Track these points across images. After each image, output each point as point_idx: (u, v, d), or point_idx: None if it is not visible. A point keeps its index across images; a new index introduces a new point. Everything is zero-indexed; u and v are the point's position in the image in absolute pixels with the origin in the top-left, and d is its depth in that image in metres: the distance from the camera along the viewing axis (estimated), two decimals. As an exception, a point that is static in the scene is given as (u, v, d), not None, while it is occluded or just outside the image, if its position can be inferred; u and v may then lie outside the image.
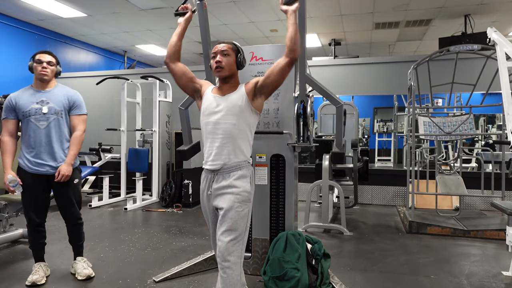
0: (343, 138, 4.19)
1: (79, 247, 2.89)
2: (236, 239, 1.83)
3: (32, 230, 2.69)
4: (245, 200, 1.89)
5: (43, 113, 2.58)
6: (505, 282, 2.78)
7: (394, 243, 3.79)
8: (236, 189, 1.87)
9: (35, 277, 2.62)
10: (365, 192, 5.97)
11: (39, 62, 2.60)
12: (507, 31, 7.73)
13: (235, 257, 1.81)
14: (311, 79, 2.71)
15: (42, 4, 6.53)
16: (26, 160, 2.59)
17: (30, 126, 2.58)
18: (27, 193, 2.60)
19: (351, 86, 6.29)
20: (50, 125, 2.60)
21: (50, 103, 2.62)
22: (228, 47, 1.96)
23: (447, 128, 4.50)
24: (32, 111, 2.57)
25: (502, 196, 4.36)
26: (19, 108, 2.58)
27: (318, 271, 2.48)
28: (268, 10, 6.64)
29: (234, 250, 1.81)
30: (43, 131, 2.58)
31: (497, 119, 9.16)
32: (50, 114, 2.60)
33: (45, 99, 2.62)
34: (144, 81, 6.02)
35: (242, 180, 1.90)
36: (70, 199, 2.72)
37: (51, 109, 2.61)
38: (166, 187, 5.66)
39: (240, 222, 1.85)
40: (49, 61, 2.63)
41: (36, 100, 2.60)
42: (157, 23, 7.54)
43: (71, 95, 2.71)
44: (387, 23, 7.36)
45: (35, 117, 2.57)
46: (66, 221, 2.80)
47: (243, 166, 1.92)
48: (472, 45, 4.20)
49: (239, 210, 1.84)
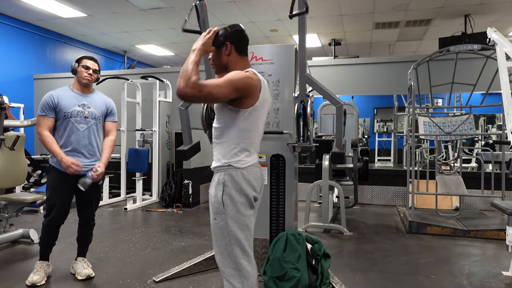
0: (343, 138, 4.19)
1: (85, 247, 2.90)
2: (221, 253, 1.66)
3: (51, 229, 2.69)
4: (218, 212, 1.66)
5: (85, 117, 2.68)
6: (505, 282, 2.78)
7: (394, 243, 3.79)
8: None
9: (35, 278, 2.62)
10: (365, 192, 5.97)
11: (86, 68, 2.69)
12: (507, 31, 7.73)
13: (228, 269, 1.65)
14: (311, 79, 2.71)
15: (42, 4, 6.54)
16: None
17: (69, 127, 2.63)
18: (58, 192, 2.63)
19: (351, 86, 6.29)
20: (89, 129, 2.70)
21: (91, 108, 2.72)
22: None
23: (447, 128, 4.50)
24: (74, 113, 2.65)
25: (502, 196, 4.36)
26: (62, 108, 2.62)
27: (318, 271, 2.47)
28: (268, 10, 6.64)
29: (225, 262, 1.66)
30: (81, 133, 2.66)
31: (497, 119, 9.16)
32: (90, 119, 2.71)
33: (86, 103, 2.71)
34: (144, 81, 6.02)
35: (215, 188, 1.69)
36: (91, 200, 2.80)
37: (92, 113, 2.72)
38: (166, 187, 5.66)
39: (218, 234, 1.66)
40: (95, 69, 2.75)
41: (78, 103, 2.68)
42: (157, 23, 7.54)
43: (109, 103, 2.86)
44: (387, 23, 7.37)
45: (76, 119, 2.65)
46: (82, 220, 2.83)
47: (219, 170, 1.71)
48: (472, 45, 4.20)
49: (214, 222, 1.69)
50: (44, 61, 8.04)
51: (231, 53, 1.69)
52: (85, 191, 2.67)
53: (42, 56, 7.97)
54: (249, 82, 1.62)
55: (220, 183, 1.65)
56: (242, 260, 1.65)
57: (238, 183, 1.64)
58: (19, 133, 3.60)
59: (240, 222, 1.65)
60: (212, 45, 1.66)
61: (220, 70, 1.73)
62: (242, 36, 1.73)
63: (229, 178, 1.64)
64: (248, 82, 1.61)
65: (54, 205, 2.64)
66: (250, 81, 1.62)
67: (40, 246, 2.75)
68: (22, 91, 7.34)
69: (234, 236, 1.64)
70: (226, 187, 1.64)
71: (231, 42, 1.68)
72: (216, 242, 1.68)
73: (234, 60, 1.70)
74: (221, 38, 1.66)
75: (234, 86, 1.56)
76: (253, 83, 1.63)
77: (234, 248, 1.64)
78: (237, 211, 1.64)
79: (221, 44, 1.67)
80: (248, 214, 1.69)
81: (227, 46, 1.68)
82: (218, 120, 1.70)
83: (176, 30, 7.93)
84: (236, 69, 1.67)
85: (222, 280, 2.73)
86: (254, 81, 1.64)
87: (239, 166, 1.65)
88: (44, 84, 7.67)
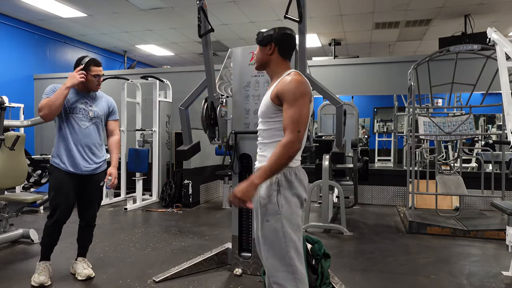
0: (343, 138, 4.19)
1: (85, 248, 2.88)
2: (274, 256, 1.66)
3: (54, 230, 2.65)
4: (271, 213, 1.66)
5: (88, 115, 2.65)
6: (505, 282, 2.78)
7: (394, 243, 3.79)
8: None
9: (42, 278, 2.59)
10: (365, 192, 5.97)
11: (96, 77, 2.65)
12: (507, 31, 7.73)
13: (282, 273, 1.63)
14: (311, 79, 2.71)
15: (42, 4, 6.54)
16: (64, 157, 2.59)
17: (71, 123, 2.60)
18: (61, 193, 2.59)
19: (351, 86, 6.29)
20: (91, 127, 2.67)
21: (94, 107, 2.69)
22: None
23: (447, 128, 4.50)
24: (77, 109, 2.61)
25: (502, 196, 4.36)
26: (67, 99, 2.57)
27: (318, 271, 2.47)
28: (268, 10, 6.64)
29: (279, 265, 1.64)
30: (83, 131, 2.62)
31: (497, 119, 9.15)
32: (93, 117, 2.68)
33: (89, 102, 2.68)
34: (144, 81, 6.03)
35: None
36: (94, 200, 2.79)
37: (95, 113, 2.69)
38: (166, 187, 5.66)
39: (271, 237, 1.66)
40: (103, 74, 2.71)
41: (81, 100, 2.65)
42: (157, 23, 7.54)
43: (111, 102, 2.84)
44: (387, 23, 7.37)
45: (78, 116, 2.61)
46: (83, 221, 2.80)
47: None
48: (472, 45, 4.20)
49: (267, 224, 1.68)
50: (44, 61, 8.04)
51: (273, 53, 1.72)
52: (90, 193, 2.68)
53: (42, 56, 7.97)
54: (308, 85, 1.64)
55: (274, 183, 1.61)
56: (297, 262, 1.61)
57: (292, 183, 1.63)
58: (19, 133, 3.60)
59: (294, 223, 1.63)
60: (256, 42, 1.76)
61: (260, 66, 1.78)
62: (289, 40, 1.75)
63: (283, 177, 1.62)
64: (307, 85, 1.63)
65: (58, 206, 2.60)
66: (307, 84, 1.64)
67: (42, 246, 2.72)
68: (22, 91, 7.34)
69: (290, 237, 1.61)
70: (281, 187, 1.62)
71: (276, 44, 1.71)
72: (267, 245, 1.64)
73: (276, 60, 1.73)
74: (267, 37, 1.71)
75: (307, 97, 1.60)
76: (308, 84, 1.65)
77: (289, 250, 1.60)
78: (292, 212, 1.62)
79: (266, 43, 1.72)
80: (300, 214, 1.69)
81: (271, 46, 1.71)
82: (267, 122, 1.69)
83: (176, 30, 7.93)
84: (276, 69, 1.72)
85: (222, 280, 2.75)
86: (307, 83, 1.64)
87: (291, 165, 1.63)
88: (44, 84, 7.66)
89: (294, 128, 1.54)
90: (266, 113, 1.68)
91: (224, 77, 3.10)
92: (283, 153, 1.53)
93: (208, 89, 2.91)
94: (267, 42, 1.71)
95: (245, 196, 1.52)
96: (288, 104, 1.57)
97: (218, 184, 6.45)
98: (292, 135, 1.54)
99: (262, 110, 1.70)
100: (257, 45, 1.77)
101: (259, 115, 1.74)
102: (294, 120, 1.55)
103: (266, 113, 1.68)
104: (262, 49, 1.74)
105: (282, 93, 1.59)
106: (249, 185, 1.52)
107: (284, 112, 1.58)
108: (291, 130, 1.54)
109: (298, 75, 1.63)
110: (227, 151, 2.85)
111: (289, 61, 1.76)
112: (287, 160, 1.54)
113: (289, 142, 1.53)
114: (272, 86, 1.69)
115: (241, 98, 2.87)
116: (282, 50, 1.72)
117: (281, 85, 1.61)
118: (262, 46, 1.73)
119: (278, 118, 1.64)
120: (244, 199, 1.52)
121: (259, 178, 1.53)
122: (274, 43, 1.71)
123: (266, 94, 1.71)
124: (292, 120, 1.55)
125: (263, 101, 1.71)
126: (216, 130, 2.95)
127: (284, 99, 1.58)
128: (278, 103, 1.62)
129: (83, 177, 2.65)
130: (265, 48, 1.72)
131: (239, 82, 2.87)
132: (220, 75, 3.08)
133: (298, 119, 1.55)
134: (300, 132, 1.55)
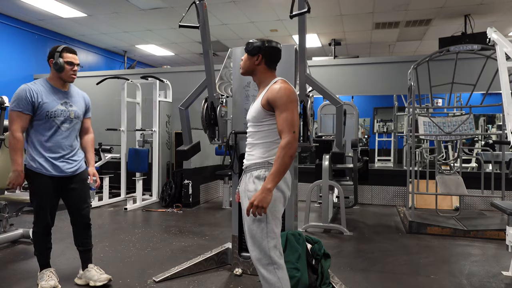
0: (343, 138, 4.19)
1: (89, 252, 2.73)
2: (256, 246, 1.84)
3: (45, 236, 2.55)
4: None
5: (69, 117, 2.50)
6: (505, 282, 2.78)
7: (394, 243, 3.79)
8: None
9: (52, 283, 2.49)
10: (365, 192, 5.97)
11: (70, 64, 2.46)
12: (507, 31, 7.73)
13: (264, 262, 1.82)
14: (311, 79, 2.71)
15: (42, 4, 6.54)
16: (44, 162, 2.43)
17: (51, 126, 2.44)
18: (45, 197, 2.47)
19: (351, 86, 6.29)
20: (72, 129, 2.54)
21: (73, 106, 2.54)
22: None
23: (447, 128, 4.50)
24: (57, 112, 2.45)
25: (502, 196, 4.36)
26: (44, 107, 2.40)
27: (318, 271, 2.48)
28: (268, 10, 6.64)
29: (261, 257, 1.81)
30: (64, 133, 2.49)
31: (497, 119, 9.16)
32: (74, 118, 2.53)
33: (68, 101, 2.52)
34: (144, 81, 6.03)
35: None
36: (85, 199, 2.65)
37: (75, 113, 2.54)
38: (166, 187, 5.66)
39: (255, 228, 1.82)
40: (78, 64, 2.52)
41: (60, 101, 2.48)
42: (157, 23, 7.54)
43: (87, 98, 2.70)
44: (387, 23, 7.37)
45: (60, 118, 2.46)
46: (78, 222, 2.65)
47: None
48: (472, 45, 4.20)
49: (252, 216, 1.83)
50: (44, 61, 7.88)
51: (260, 63, 1.87)
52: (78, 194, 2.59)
53: (42, 56, 7.96)
54: (295, 92, 1.81)
55: (261, 178, 1.77)
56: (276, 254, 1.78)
57: None
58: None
59: (276, 216, 1.79)
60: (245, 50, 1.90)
61: (245, 73, 1.94)
62: (276, 53, 1.90)
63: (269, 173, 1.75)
64: (295, 92, 1.80)
65: (44, 210, 2.48)
66: (295, 91, 1.81)
67: (37, 256, 2.58)
68: (22, 91, 7.32)
69: (272, 229, 1.77)
70: None
71: (263, 55, 1.86)
72: (251, 238, 1.79)
73: (262, 70, 1.88)
74: (256, 48, 1.85)
75: (296, 102, 1.78)
76: (295, 92, 1.82)
77: (270, 241, 1.76)
78: (274, 205, 1.77)
79: (255, 53, 1.86)
80: (282, 211, 1.84)
81: (258, 57, 1.86)
82: (257, 125, 1.84)
83: (176, 30, 7.93)
84: (263, 78, 1.88)
85: (222, 280, 2.75)
86: (294, 90, 1.81)
87: None
88: (44, 84, 7.67)
89: (290, 129, 1.70)
90: (257, 118, 1.83)
91: (224, 77, 3.10)
92: (285, 154, 1.67)
93: (208, 89, 2.91)
94: (256, 53, 1.85)
95: (262, 203, 1.66)
96: (281, 109, 1.73)
97: (218, 184, 6.45)
98: (290, 136, 1.69)
99: (253, 115, 1.85)
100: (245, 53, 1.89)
101: (249, 119, 1.89)
102: (288, 122, 1.71)
103: (257, 118, 1.83)
104: (250, 58, 1.88)
105: (274, 100, 1.74)
106: (263, 191, 1.66)
107: (278, 117, 1.74)
108: (287, 132, 1.70)
109: (286, 83, 1.80)
110: (227, 151, 2.85)
111: (274, 70, 1.92)
112: (290, 159, 1.68)
113: (288, 143, 1.68)
114: (261, 94, 1.83)
115: (241, 98, 2.87)
116: (269, 61, 1.87)
117: (271, 93, 1.77)
118: (250, 55, 1.87)
119: (268, 121, 1.81)
120: (262, 205, 1.65)
121: (271, 183, 1.67)
122: (262, 55, 1.85)
123: (255, 101, 1.87)
124: (287, 123, 1.71)
125: (253, 108, 1.86)
126: (216, 130, 2.95)
127: (276, 106, 1.74)
128: (269, 108, 1.78)
129: (65, 179, 2.52)
130: (253, 57, 1.87)
131: (239, 82, 2.87)
132: (220, 75, 3.08)
133: (292, 121, 1.72)
134: (295, 132, 1.71)
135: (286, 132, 1.70)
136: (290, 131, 1.69)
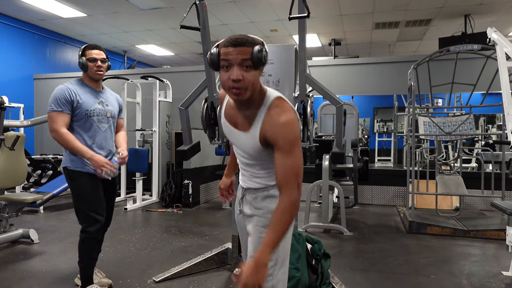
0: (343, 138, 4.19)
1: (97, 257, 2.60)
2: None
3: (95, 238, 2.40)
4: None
5: (106, 116, 2.47)
6: (505, 282, 2.78)
7: (394, 243, 3.79)
8: None
9: None
10: (365, 192, 5.97)
11: (93, 61, 2.38)
12: (507, 31, 7.73)
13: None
14: (311, 79, 2.71)
15: (42, 4, 6.54)
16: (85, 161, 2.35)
17: (93, 127, 2.40)
18: (94, 198, 2.38)
19: (351, 86, 6.29)
20: (109, 129, 2.51)
21: (109, 106, 2.51)
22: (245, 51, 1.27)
23: (447, 128, 4.50)
24: (96, 111, 2.41)
25: (502, 196, 4.36)
26: (83, 106, 2.35)
27: (318, 271, 2.48)
28: (268, 10, 6.64)
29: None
30: (103, 133, 2.46)
31: (497, 119, 9.16)
32: (110, 117, 2.51)
33: (103, 101, 2.49)
34: (144, 81, 6.02)
35: None
36: (114, 201, 2.63)
37: (111, 112, 2.53)
38: (166, 187, 5.66)
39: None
40: (103, 59, 2.43)
41: (97, 100, 2.45)
42: (157, 23, 7.54)
43: (119, 99, 2.70)
44: (387, 23, 7.37)
45: (98, 118, 2.43)
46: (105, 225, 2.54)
47: None
48: (472, 45, 4.20)
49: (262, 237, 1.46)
50: (44, 61, 8.04)
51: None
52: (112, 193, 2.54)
53: (42, 56, 7.97)
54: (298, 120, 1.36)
55: (275, 197, 1.42)
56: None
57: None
58: (19, 133, 3.60)
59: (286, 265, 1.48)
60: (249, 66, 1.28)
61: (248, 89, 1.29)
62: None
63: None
64: (298, 122, 1.35)
65: (94, 206, 2.36)
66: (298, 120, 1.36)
67: (82, 268, 2.40)
68: (22, 91, 7.33)
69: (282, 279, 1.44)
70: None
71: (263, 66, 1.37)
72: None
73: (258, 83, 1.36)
74: (265, 57, 1.29)
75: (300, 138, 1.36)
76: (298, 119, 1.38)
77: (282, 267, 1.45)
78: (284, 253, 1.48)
79: (260, 66, 1.29)
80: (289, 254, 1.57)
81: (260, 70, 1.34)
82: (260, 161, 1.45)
83: (176, 30, 7.92)
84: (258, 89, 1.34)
85: (222, 280, 2.75)
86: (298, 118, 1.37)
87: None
88: (44, 84, 7.68)
89: (295, 182, 1.28)
90: (258, 157, 1.41)
91: (224, 77, 3.09)
92: (288, 218, 1.27)
93: (208, 89, 2.91)
94: (262, 65, 1.30)
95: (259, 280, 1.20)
96: (284, 153, 1.28)
97: (218, 184, 6.42)
98: (295, 192, 1.27)
99: (250, 153, 1.41)
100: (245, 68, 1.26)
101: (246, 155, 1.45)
102: (294, 172, 1.28)
103: (257, 157, 1.42)
104: (255, 73, 1.29)
105: (275, 139, 1.30)
106: (259, 266, 1.21)
107: (278, 161, 1.30)
108: (292, 186, 1.27)
109: (290, 112, 1.32)
110: (227, 151, 2.85)
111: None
112: (292, 222, 1.33)
113: (293, 203, 1.26)
114: (254, 123, 1.35)
115: (241, 98, 2.87)
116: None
117: (271, 127, 1.30)
118: (255, 70, 1.28)
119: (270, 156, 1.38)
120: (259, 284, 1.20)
121: (266, 254, 1.23)
122: (263, 66, 1.32)
123: (248, 133, 1.38)
124: (293, 172, 1.28)
125: (249, 143, 1.39)
126: (216, 130, 2.95)
127: (278, 147, 1.30)
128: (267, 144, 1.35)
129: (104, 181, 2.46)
130: (257, 72, 1.30)
131: (239, 82, 2.87)
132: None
133: (298, 171, 1.29)
134: (299, 184, 1.29)
135: (290, 187, 1.26)
136: (296, 184, 1.27)
